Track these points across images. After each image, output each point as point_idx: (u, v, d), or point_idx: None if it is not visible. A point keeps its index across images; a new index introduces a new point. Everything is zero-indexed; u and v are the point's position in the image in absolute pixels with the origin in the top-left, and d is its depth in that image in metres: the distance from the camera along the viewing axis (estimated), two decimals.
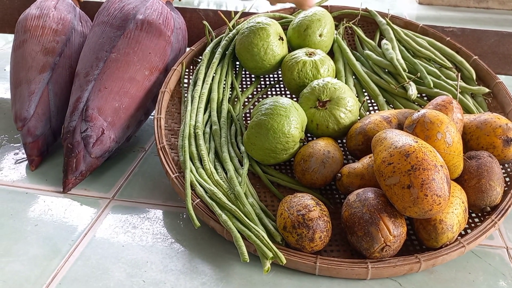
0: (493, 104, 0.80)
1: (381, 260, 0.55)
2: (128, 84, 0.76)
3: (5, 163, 0.76)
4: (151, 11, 0.83)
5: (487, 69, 0.83)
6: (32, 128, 0.76)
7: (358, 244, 0.55)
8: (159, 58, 0.81)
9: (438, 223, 0.55)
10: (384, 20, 0.92)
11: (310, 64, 0.76)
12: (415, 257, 0.55)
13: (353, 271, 0.54)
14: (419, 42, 0.87)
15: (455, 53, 0.85)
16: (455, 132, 0.59)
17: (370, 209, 0.54)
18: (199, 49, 0.87)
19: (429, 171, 0.51)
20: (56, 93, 0.80)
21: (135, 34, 0.79)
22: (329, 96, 0.69)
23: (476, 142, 0.65)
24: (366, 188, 0.58)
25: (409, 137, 0.55)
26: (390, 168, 0.53)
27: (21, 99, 0.78)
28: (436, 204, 0.51)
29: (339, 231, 0.61)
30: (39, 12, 0.86)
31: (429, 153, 0.52)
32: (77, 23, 0.89)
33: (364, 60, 0.88)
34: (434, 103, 0.66)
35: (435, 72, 0.81)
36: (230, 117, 0.75)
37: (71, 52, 0.85)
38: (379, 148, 0.56)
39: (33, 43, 0.83)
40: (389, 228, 0.53)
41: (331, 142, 0.67)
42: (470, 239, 0.57)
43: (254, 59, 0.79)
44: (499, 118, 0.65)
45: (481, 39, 0.94)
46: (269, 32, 0.78)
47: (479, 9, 1.75)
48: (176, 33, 0.86)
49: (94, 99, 0.74)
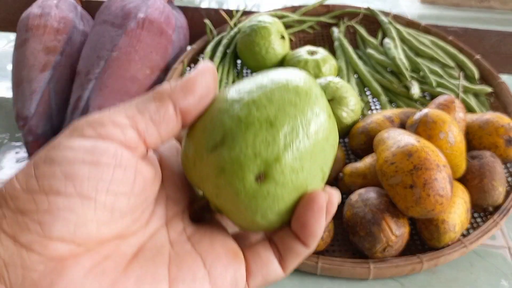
0: (495, 103, 0.79)
1: (383, 260, 0.55)
2: (129, 83, 0.76)
3: (6, 162, 0.76)
4: (153, 9, 0.83)
5: (489, 68, 0.82)
6: (33, 127, 0.76)
7: (360, 244, 0.55)
8: (160, 57, 0.81)
9: (441, 223, 0.54)
10: (386, 19, 0.92)
11: (312, 63, 0.76)
12: (417, 257, 0.55)
13: (355, 271, 0.54)
14: (422, 41, 0.87)
15: (457, 53, 0.85)
16: (458, 131, 0.58)
17: (372, 209, 0.54)
18: (200, 48, 0.86)
19: (431, 170, 0.50)
20: (57, 92, 0.80)
21: (137, 33, 0.79)
22: (331, 95, 0.69)
23: (479, 141, 0.65)
24: (368, 188, 0.58)
25: (411, 137, 0.55)
26: (393, 167, 0.52)
27: (22, 98, 0.78)
28: (438, 204, 0.51)
29: (341, 231, 0.61)
30: (41, 11, 0.86)
31: (431, 152, 0.52)
32: (78, 22, 0.89)
33: (366, 59, 0.88)
34: (437, 102, 0.65)
35: (438, 71, 0.81)
36: None
37: (72, 51, 0.85)
38: (381, 147, 0.56)
39: (35, 42, 0.83)
40: (392, 228, 0.53)
41: None
42: (472, 239, 0.57)
43: (256, 58, 0.79)
44: (501, 118, 0.65)
45: (483, 39, 0.94)
46: (270, 31, 0.78)
47: (481, 8, 1.75)
48: (178, 32, 0.86)
49: (95, 98, 0.74)
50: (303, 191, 0.23)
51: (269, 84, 0.23)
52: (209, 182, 0.22)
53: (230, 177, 0.21)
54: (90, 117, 0.21)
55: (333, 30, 0.93)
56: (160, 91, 0.22)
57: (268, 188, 0.22)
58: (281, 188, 0.22)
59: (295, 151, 0.22)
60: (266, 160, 0.21)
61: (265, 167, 0.21)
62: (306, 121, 0.22)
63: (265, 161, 0.21)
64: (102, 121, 0.20)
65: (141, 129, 0.21)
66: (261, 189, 0.22)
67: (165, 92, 0.22)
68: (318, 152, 0.23)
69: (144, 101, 0.22)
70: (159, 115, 0.21)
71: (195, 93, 0.22)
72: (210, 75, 0.23)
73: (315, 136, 0.22)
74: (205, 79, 0.23)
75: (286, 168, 0.22)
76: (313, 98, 0.23)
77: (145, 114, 0.21)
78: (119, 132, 0.20)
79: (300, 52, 0.78)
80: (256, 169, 0.21)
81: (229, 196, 0.22)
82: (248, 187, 0.21)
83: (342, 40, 0.89)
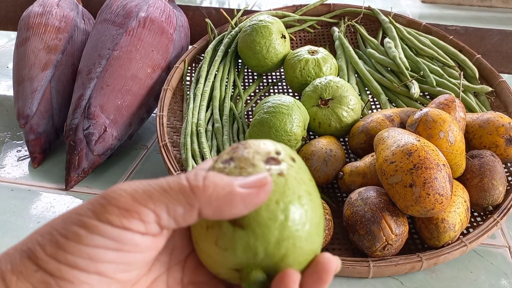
0: (496, 103, 0.79)
1: (383, 258, 0.55)
2: (130, 81, 0.76)
3: (8, 160, 0.76)
4: (154, 8, 0.83)
5: (490, 67, 0.82)
6: (34, 125, 0.76)
7: (360, 242, 0.55)
8: (161, 56, 0.81)
9: (440, 222, 0.55)
10: (387, 18, 0.92)
11: (312, 62, 0.76)
12: (417, 256, 0.55)
13: (354, 269, 0.54)
14: (422, 40, 0.87)
15: (458, 52, 0.85)
16: (458, 131, 0.58)
17: (372, 207, 0.54)
18: (201, 47, 0.87)
19: (431, 170, 0.51)
20: (59, 91, 0.80)
21: (138, 32, 0.79)
22: (331, 94, 0.69)
23: (479, 141, 0.65)
24: (368, 187, 0.58)
25: (411, 136, 0.55)
26: (392, 166, 0.53)
27: (23, 96, 0.78)
28: (438, 203, 0.51)
29: (341, 230, 0.61)
30: (42, 10, 0.86)
31: (431, 152, 0.52)
32: (79, 20, 0.89)
33: (366, 59, 0.88)
34: (437, 101, 0.66)
35: (438, 71, 0.81)
36: (232, 115, 0.75)
37: (73, 50, 0.85)
38: (381, 146, 0.56)
39: (36, 41, 0.83)
40: (391, 227, 0.53)
41: (333, 140, 0.67)
42: (472, 238, 0.57)
43: (257, 57, 0.79)
44: (501, 117, 0.65)
45: (484, 38, 0.94)
46: (271, 30, 0.78)
47: (482, 7, 1.75)
48: (179, 31, 0.86)
49: (96, 96, 0.74)
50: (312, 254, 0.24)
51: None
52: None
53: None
54: (120, 200, 0.22)
55: (334, 30, 0.93)
56: (189, 195, 0.22)
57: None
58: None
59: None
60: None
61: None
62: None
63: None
64: (131, 213, 0.22)
65: (163, 225, 0.22)
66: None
67: (195, 200, 0.22)
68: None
69: (174, 199, 0.22)
70: (184, 219, 0.22)
71: (224, 214, 0.22)
72: (254, 203, 0.22)
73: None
74: (242, 209, 0.22)
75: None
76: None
77: (170, 214, 0.22)
78: (143, 227, 0.22)
79: (300, 52, 0.78)
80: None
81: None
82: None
83: (343, 39, 0.89)
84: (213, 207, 0.22)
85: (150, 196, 0.22)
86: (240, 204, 0.22)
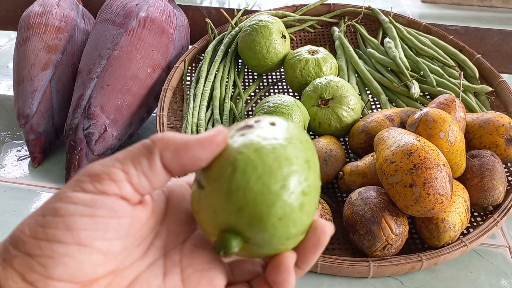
0: (496, 103, 0.79)
1: (383, 258, 0.55)
2: (131, 81, 0.76)
3: (8, 160, 0.76)
4: (154, 8, 0.83)
5: (490, 67, 0.82)
6: (34, 125, 0.76)
7: (360, 242, 0.55)
8: (161, 56, 0.81)
9: (440, 222, 0.55)
10: (387, 18, 0.92)
11: (312, 62, 0.76)
12: (417, 256, 0.55)
13: (354, 269, 0.54)
14: (422, 40, 0.87)
15: (458, 52, 0.85)
16: (458, 130, 0.58)
17: (372, 207, 0.54)
18: (201, 47, 0.87)
19: (431, 169, 0.51)
20: (59, 91, 0.80)
21: (138, 32, 0.79)
22: (331, 94, 0.69)
23: (479, 141, 0.65)
24: (368, 187, 0.58)
25: (411, 136, 0.55)
26: (393, 166, 0.53)
27: (23, 96, 0.78)
28: (438, 203, 0.51)
29: (341, 230, 0.61)
30: (42, 10, 0.86)
31: (431, 151, 0.52)
32: (79, 20, 0.89)
33: (366, 59, 0.88)
34: (437, 101, 0.66)
35: (438, 71, 0.81)
36: (233, 115, 0.75)
37: (73, 50, 0.85)
38: (381, 146, 0.56)
39: (36, 41, 0.83)
40: (391, 227, 0.53)
41: (333, 140, 0.67)
42: (472, 238, 0.57)
43: (257, 57, 0.79)
44: (502, 117, 0.65)
45: (484, 38, 0.94)
46: (271, 30, 0.78)
47: (483, 7, 1.75)
48: (179, 31, 0.86)
49: (96, 96, 0.74)
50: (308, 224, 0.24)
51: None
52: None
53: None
54: (91, 169, 0.23)
55: (334, 30, 0.93)
56: (149, 145, 0.23)
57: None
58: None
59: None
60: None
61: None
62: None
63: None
64: (101, 176, 0.22)
65: (135, 183, 0.23)
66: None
67: (154, 147, 0.23)
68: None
69: (137, 154, 0.23)
70: (151, 170, 0.23)
71: (180, 161, 0.23)
72: (210, 147, 0.23)
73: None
74: (199, 152, 0.23)
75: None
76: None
77: (138, 168, 0.23)
78: (115, 187, 0.22)
79: (300, 51, 0.78)
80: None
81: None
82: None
83: (343, 39, 0.89)
84: (171, 150, 0.23)
85: (117, 158, 0.23)
86: (196, 146, 0.23)
